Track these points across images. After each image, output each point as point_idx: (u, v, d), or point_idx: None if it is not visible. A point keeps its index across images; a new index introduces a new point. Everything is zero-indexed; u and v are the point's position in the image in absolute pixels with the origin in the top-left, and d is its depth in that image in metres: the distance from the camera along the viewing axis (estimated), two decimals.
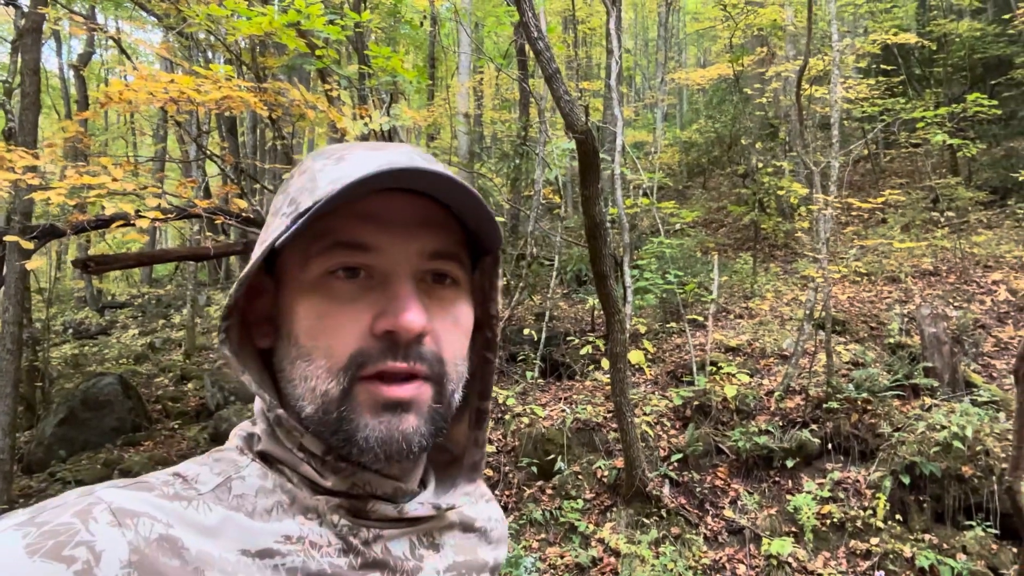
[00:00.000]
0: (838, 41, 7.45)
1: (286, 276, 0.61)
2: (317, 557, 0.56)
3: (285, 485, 0.59)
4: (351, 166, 0.59)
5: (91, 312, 17.10)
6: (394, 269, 0.59)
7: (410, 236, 0.60)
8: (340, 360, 0.57)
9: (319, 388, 0.58)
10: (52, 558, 0.45)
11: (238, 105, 5.51)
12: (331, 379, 0.57)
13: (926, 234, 9.84)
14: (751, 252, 10.73)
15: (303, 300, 0.59)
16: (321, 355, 0.58)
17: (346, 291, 0.58)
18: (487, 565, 0.72)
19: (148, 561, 0.49)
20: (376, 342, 0.58)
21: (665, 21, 16.87)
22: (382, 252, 0.59)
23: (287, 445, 0.60)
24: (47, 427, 8.02)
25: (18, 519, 0.48)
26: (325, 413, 0.58)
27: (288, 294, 0.61)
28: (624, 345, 5.06)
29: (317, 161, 0.62)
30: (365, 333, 0.58)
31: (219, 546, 0.53)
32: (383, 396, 0.57)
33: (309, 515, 0.58)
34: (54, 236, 5.94)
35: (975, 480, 4.77)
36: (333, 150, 0.63)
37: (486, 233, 0.64)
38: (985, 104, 8.55)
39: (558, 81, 4.19)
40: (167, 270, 21.00)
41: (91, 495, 0.51)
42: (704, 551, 4.91)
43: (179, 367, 11.11)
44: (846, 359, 6.64)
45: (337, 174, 0.58)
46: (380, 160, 0.59)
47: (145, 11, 10.85)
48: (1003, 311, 7.43)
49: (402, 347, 0.58)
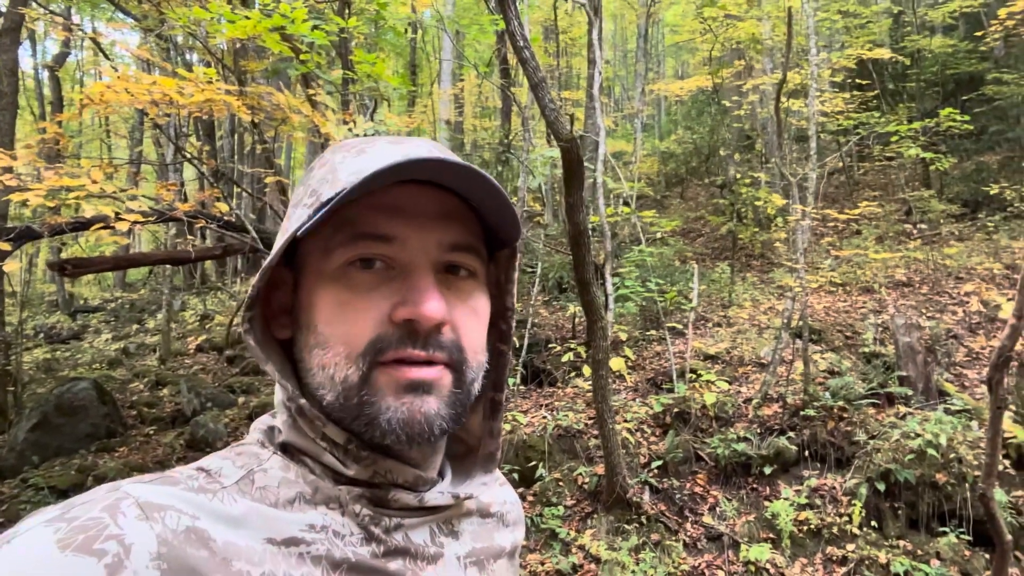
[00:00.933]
0: (815, 55, 7.59)
1: (306, 267, 0.62)
2: (341, 545, 0.57)
3: (307, 476, 0.60)
4: (372, 158, 0.60)
5: (63, 316, 16.83)
6: (414, 260, 0.60)
7: (430, 228, 0.61)
8: (358, 346, 0.58)
9: (338, 375, 0.59)
10: (83, 552, 0.46)
11: (220, 108, 5.48)
12: (350, 365, 0.58)
13: (899, 246, 10.02)
14: (728, 261, 10.84)
15: (323, 289, 0.60)
16: (339, 342, 0.59)
17: (366, 280, 0.59)
18: (504, 550, 0.74)
19: (176, 553, 0.49)
20: (395, 329, 0.59)
21: (645, 33, 17.02)
22: (403, 243, 0.60)
23: (309, 435, 0.61)
24: (19, 432, 7.86)
25: (49, 515, 0.49)
26: (346, 399, 0.59)
27: (308, 284, 0.62)
28: (606, 352, 5.09)
29: (337, 154, 0.63)
30: (384, 320, 0.59)
31: (245, 536, 0.54)
32: (405, 377, 0.58)
33: (331, 505, 0.59)
34: (31, 238, 5.86)
35: (949, 487, 4.86)
36: (354, 143, 0.64)
37: (504, 226, 0.65)
38: (957, 119, 8.75)
39: (544, 89, 4.23)
40: (140, 274, 20.71)
41: (118, 490, 0.52)
42: (684, 557, 4.94)
43: (154, 372, 10.95)
44: (822, 367, 6.74)
45: (358, 165, 0.59)
46: (401, 152, 0.60)
47: (124, 12, 10.75)
48: (975, 322, 7.58)
49: (421, 336, 0.59)
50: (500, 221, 0.65)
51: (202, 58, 11.78)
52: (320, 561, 0.56)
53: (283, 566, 0.54)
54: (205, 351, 12.18)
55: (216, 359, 11.58)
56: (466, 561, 0.67)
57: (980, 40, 11.73)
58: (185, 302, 16.06)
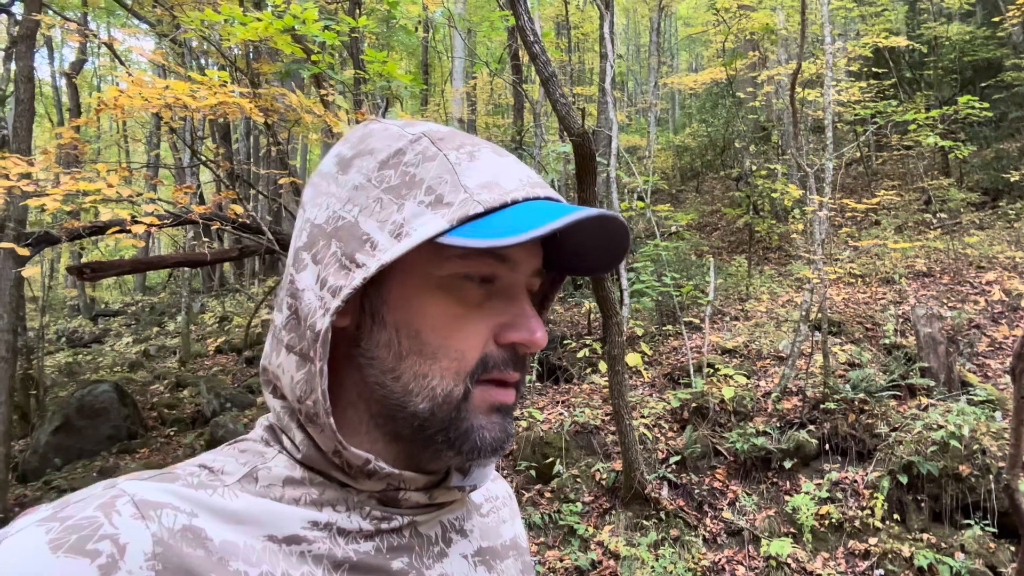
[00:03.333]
0: (830, 44, 7.50)
1: (402, 264, 0.58)
2: (343, 544, 0.56)
3: (315, 479, 0.58)
4: (501, 172, 0.58)
5: (84, 320, 17.04)
6: (518, 283, 0.61)
7: (532, 255, 0.62)
8: (469, 364, 0.58)
9: (441, 387, 0.58)
10: (76, 553, 0.45)
11: (233, 111, 5.52)
12: (458, 381, 0.58)
13: (919, 235, 9.89)
14: (745, 254, 10.76)
15: (432, 296, 0.58)
16: (451, 356, 0.58)
17: (478, 297, 0.59)
18: (507, 545, 0.73)
19: (172, 552, 0.48)
20: (499, 351, 0.60)
21: (657, 26, 16.94)
22: (514, 266, 0.60)
23: (321, 447, 0.58)
24: (42, 435, 7.97)
25: (41, 515, 0.48)
26: (440, 411, 0.58)
27: (405, 283, 0.59)
28: (621, 348, 5.07)
29: (445, 148, 0.59)
30: (489, 340, 0.59)
31: (244, 534, 0.53)
32: (497, 400, 0.60)
33: (338, 506, 0.58)
34: (49, 243, 5.92)
35: (972, 479, 4.79)
36: (448, 137, 0.61)
37: (588, 266, 0.67)
38: (976, 106, 8.62)
39: (554, 84, 4.21)
40: (160, 278, 20.91)
41: (114, 488, 0.51)
42: (703, 553, 4.91)
43: (174, 374, 11.06)
44: (842, 360, 6.67)
45: (486, 177, 0.57)
46: (518, 174, 0.59)
47: (138, 18, 10.85)
48: (997, 311, 7.47)
49: (520, 358, 0.61)
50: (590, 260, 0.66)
51: (216, 62, 11.87)
52: (321, 560, 0.55)
53: (283, 566, 0.53)
54: (224, 352, 12.29)
55: (235, 360, 11.68)
56: (475, 560, 0.66)
57: (998, 26, 11.56)
58: (204, 304, 16.20)
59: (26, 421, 8.89)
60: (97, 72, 21.78)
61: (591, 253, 0.65)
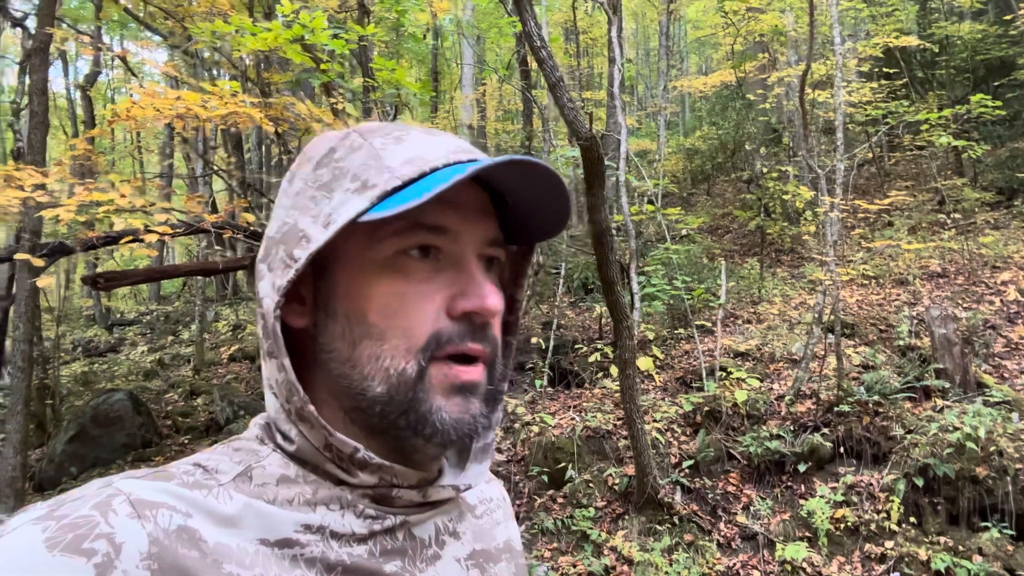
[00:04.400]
0: (840, 45, 7.46)
1: (342, 253, 0.60)
2: (336, 548, 0.56)
3: (308, 477, 0.58)
4: (420, 147, 0.59)
5: (100, 330, 17.17)
6: (466, 252, 0.60)
7: (478, 222, 0.61)
8: (419, 340, 0.58)
9: (394, 367, 0.57)
10: (72, 551, 0.45)
11: (244, 121, 5.55)
12: (409, 359, 0.57)
13: (933, 236, 9.80)
14: (757, 257, 10.71)
15: (374, 278, 0.58)
16: (399, 335, 0.57)
17: (423, 270, 0.59)
18: (500, 548, 0.73)
19: (167, 552, 0.49)
20: (453, 323, 0.58)
21: (666, 30, 16.92)
22: (456, 235, 0.59)
23: (312, 443, 0.58)
24: (58, 444, 8.04)
25: (37, 513, 0.48)
26: (397, 393, 0.58)
27: (348, 271, 0.60)
28: (633, 352, 5.06)
29: (373, 138, 0.61)
30: (441, 313, 0.58)
31: (238, 536, 0.53)
32: (457, 379, 0.58)
33: (332, 505, 0.58)
34: (64, 253, 5.98)
35: (989, 481, 4.74)
36: (381, 128, 0.62)
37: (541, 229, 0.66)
38: (989, 105, 8.54)
39: (562, 89, 4.22)
40: (175, 287, 21.07)
41: (110, 487, 0.51)
42: (718, 558, 4.88)
43: (188, 383, 11.12)
44: (856, 362, 6.62)
45: (409, 154, 0.58)
46: (445, 145, 0.60)
47: (150, 30, 10.96)
48: (1013, 311, 7.39)
49: (478, 329, 0.59)
50: (541, 222, 0.65)
51: (227, 72, 11.97)
52: (314, 564, 0.55)
53: (275, 569, 0.53)
54: (238, 360, 12.35)
55: (248, 368, 11.73)
56: (467, 563, 0.66)
57: (1010, 24, 11.45)
58: (218, 313, 16.28)
59: (42, 430, 8.97)
60: (111, 84, 22.00)
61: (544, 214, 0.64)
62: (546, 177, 0.59)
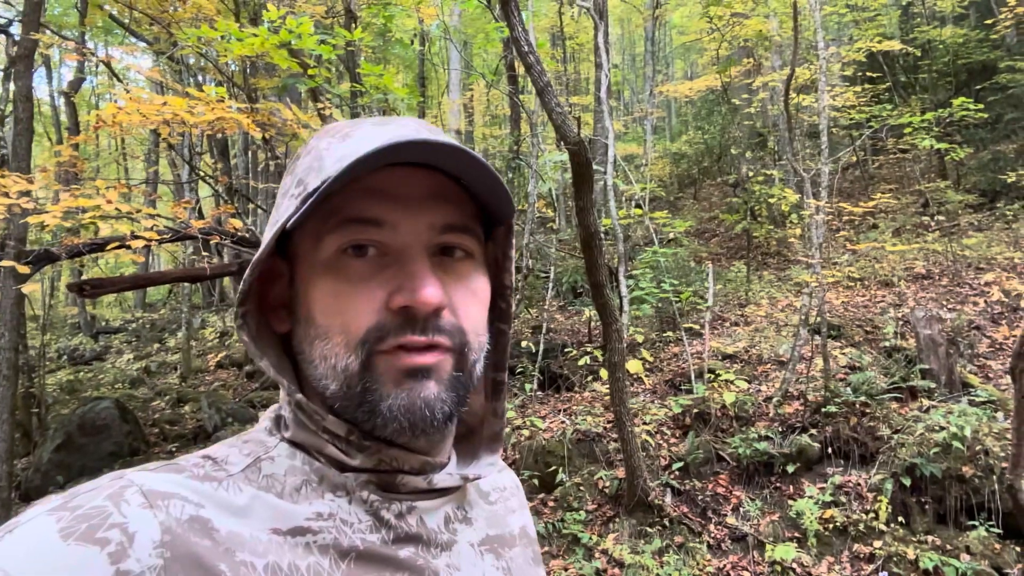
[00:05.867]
0: (824, 49, 7.54)
1: (299, 258, 0.62)
2: (349, 533, 0.57)
3: (313, 464, 0.59)
4: (357, 142, 0.59)
5: (85, 338, 17.02)
6: (407, 244, 0.59)
7: (421, 210, 0.60)
8: (357, 335, 0.58)
9: (339, 364, 0.58)
10: (86, 541, 0.46)
11: (231, 126, 5.54)
12: (349, 354, 0.58)
13: (917, 238, 9.90)
14: (744, 260, 10.78)
15: (317, 280, 0.59)
16: (338, 331, 0.58)
17: (360, 268, 0.59)
18: (515, 534, 0.73)
19: (180, 541, 0.49)
20: (393, 317, 0.58)
21: (652, 35, 17.02)
22: (394, 227, 0.59)
23: (311, 428, 0.60)
24: (44, 453, 7.96)
25: (52, 504, 0.49)
26: (348, 388, 0.58)
27: (302, 275, 0.61)
28: (622, 355, 5.07)
29: (323, 140, 0.62)
30: (381, 308, 0.58)
31: (249, 526, 0.53)
32: (404, 364, 0.58)
33: (338, 492, 0.59)
34: (49, 261, 5.94)
35: (976, 480, 4.78)
36: (338, 127, 0.63)
37: (497, 204, 0.64)
38: (971, 108, 8.64)
39: (550, 94, 4.23)
40: (160, 294, 20.93)
41: (122, 478, 0.52)
42: (708, 559, 4.90)
43: (175, 390, 11.04)
44: (843, 363, 6.66)
45: (344, 151, 0.58)
46: (386, 134, 0.59)
47: (135, 36, 10.90)
48: (996, 312, 7.47)
49: (420, 321, 0.58)
50: (492, 199, 0.63)
51: (213, 78, 11.92)
52: (327, 550, 0.55)
53: (288, 556, 0.53)
54: (225, 367, 12.28)
55: (236, 375, 11.67)
56: (481, 548, 0.67)
57: (991, 28, 11.61)
58: (204, 320, 16.19)
59: (28, 439, 8.87)
60: (95, 91, 21.86)
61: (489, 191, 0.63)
62: (452, 154, 0.57)
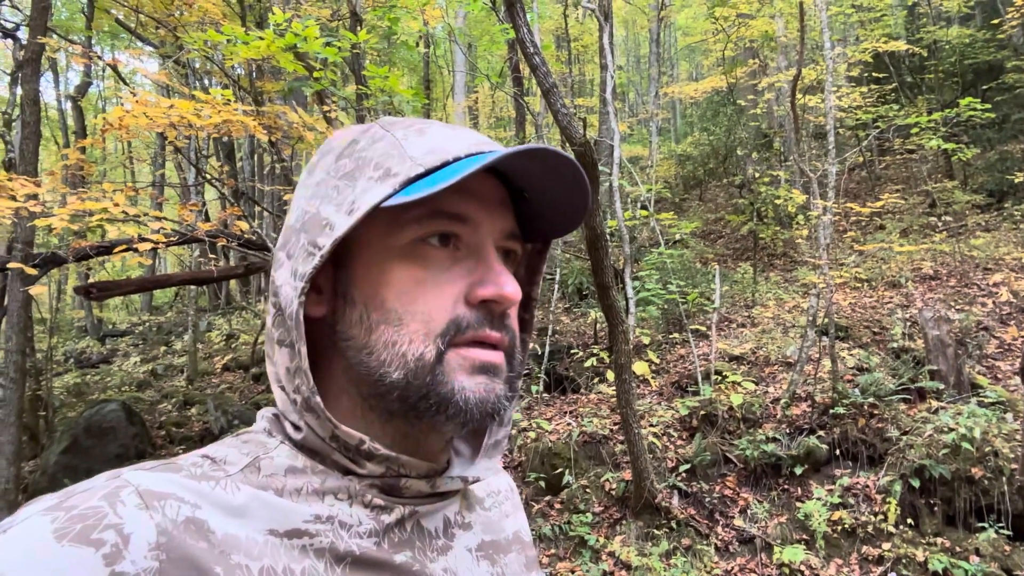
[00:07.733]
0: (830, 50, 7.52)
1: (363, 241, 0.61)
2: (346, 537, 0.56)
3: (316, 467, 0.59)
4: (443, 139, 0.60)
5: (92, 341, 17.06)
6: (485, 242, 0.61)
7: (496, 213, 0.62)
8: (438, 325, 0.58)
9: (411, 352, 0.58)
10: (80, 542, 0.45)
11: (237, 129, 5.55)
12: (428, 343, 0.58)
13: (925, 239, 9.86)
14: (750, 261, 10.75)
15: (394, 265, 0.59)
16: (417, 320, 0.58)
17: (441, 258, 0.59)
18: (509, 539, 0.73)
19: (176, 543, 0.49)
20: (471, 310, 0.59)
21: (657, 37, 17.00)
22: (476, 225, 0.60)
23: (319, 433, 0.59)
24: (51, 456, 7.98)
25: (46, 504, 0.48)
26: (415, 378, 0.58)
27: (367, 258, 0.60)
28: (628, 356, 5.06)
29: (394, 129, 0.62)
30: (460, 301, 0.59)
31: (246, 527, 0.53)
32: (479, 360, 0.59)
33: (340, 495, 0.58)
34: (56, 263, 5.96)
35: (985, 481, 4.75)
36: (400, 120, 0.64)
37: (560, 224, 0.67)
38: (978, 109, 8.60)
39: (555, 95, 4.23)
40: (167, 297, 20.99)
41: (118, 478, 0.51)
42: (716, 562, 4.88)
43: (182, 393, 11.06)
44: (850, 364, 6.64)
45: (431, 144, 0.59)
46: (473, 139, 0.61)
47: (142, 40, 10.95)
48: (1005, 312, 7.44)
49: (496, 317, 0.60)
50: (558, 218, 0.66)
51: (220, 81, 11.95)
52: (323, 554, 0.55)
53: (284, 560, 0.53)
54: (231, 370, 12.30)
55: (242, 377, 11.68)
56: (478, 554, 0.66)
57: (998, 28, 11.58)
58: (211, 323, 16.21)
59: (35, 442, 8.90)
60: (102, 95, 21.95)
61: (562, 209, 0.65)
62: (565, 167, 0.60)
